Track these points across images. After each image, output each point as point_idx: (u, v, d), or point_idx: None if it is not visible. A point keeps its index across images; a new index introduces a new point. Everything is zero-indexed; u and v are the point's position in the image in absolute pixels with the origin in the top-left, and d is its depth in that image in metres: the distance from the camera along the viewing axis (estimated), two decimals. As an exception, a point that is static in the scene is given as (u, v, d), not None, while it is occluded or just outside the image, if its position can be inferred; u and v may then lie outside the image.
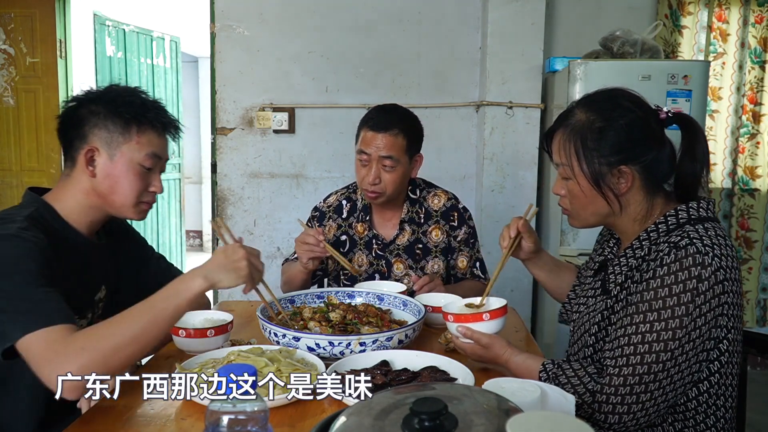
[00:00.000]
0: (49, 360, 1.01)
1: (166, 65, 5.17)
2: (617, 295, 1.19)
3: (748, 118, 3.31)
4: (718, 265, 1.05)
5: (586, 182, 1.17)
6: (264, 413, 0.67)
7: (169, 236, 5.30)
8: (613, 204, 1.18)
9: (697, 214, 1.14)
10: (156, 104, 1.32)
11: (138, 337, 1.07)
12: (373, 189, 1.76)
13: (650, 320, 1.07)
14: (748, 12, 3.24)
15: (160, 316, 1.10)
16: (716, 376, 1.12)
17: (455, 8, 3.13)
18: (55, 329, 1.03)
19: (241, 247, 1.19)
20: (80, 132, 1.27)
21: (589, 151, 1.16)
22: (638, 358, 1.06)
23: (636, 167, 1.15)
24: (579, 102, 1.22)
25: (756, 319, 3.42)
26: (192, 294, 1.12)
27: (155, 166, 1.33)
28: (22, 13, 3.72)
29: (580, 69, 2.59)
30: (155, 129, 1.31)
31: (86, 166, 1.26)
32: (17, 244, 1.11)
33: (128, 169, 1.28)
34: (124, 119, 1.27)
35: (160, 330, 1.11)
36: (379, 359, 1.22)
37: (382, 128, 1.73)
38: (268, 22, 3.14)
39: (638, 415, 1.07)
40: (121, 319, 1.09)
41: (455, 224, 1.88)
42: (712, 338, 1.08)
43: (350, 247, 1.89)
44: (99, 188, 1.28)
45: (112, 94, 1.29)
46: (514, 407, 0.61)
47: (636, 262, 1.17)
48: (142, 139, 1.28)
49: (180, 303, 1.12)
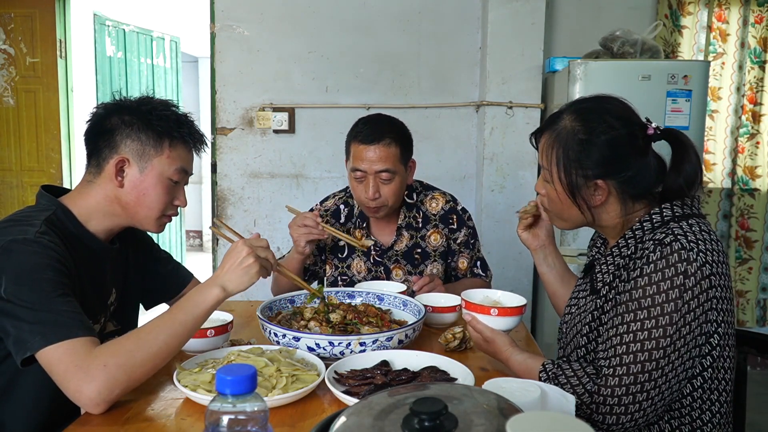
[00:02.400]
0: (72, 376, 1.02)
1: (166, 65, 5.18)
2: (606, 294, 1.19)
3: (747, 118, 3.31)
4: (703, 260, 1.06)
5: (562, 190, 1.20)
6: (264, 413, 0.67)
7: (169, 236, 5.31)
8: (586, 214, 1.20)
9: (681, 211, 1.15)
10: (188, 119, 1.34)
11: (160, 352, 1.09)
12: (374, 204, 1.72)
13: (640, 318, 1.07)
14: (748, 12, 3.24)
15: (180, 330, 1.12)
16: (709, 371, 1.12)
17: (455, 8, 3.13)
18: (77, 342, 1.03)
19: (244, 244, 1.20)
20: (111, 141, 1.27)
21: (570, 161, 1.17)
22: (631, 357, 1.07)
23: (613, 182, 1.17)
24: (570, 106, 1.23)
25: (756, 319, 3.42)
26: (209, 305, 1.16)
27: (182, 180, 1.35)
28: (22, 13, 3.72)
29: (580, 69, 2.59)
30: (186, 144, 1.33)
31: (115, 176, 1.27)
32: (36, 251, 1.11)
33: (157, 182, 1.29)
34: (158, 132, 1.28)
35: (181, 343, 1.14)
36: (379, 359, 1.22)
37: (373, 140, 1.68)
38: (268, 22, 3.14)
39: (636, 415, 1.07)
40: (143, 334, 1.10)
41: (455, 227, 1.86)
42: (703, 333, 1.08)
43: (348, 253, 1.88)
44: (125, 198, 1.28)
45: (147, 106, 1.30)
46: (514, 407, 0.61)
47: (623, 260, 1.18)
48: (173, 153, 1.30)
49: (198, 314, 1.15)
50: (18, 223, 1.16)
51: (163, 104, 1.32)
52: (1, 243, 1.10)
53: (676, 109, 2.58)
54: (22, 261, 1.09)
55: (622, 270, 1.17)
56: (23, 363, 1.05)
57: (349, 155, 1.76)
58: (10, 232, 1.13)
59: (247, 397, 0.66)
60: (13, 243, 1.10)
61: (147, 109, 1.29)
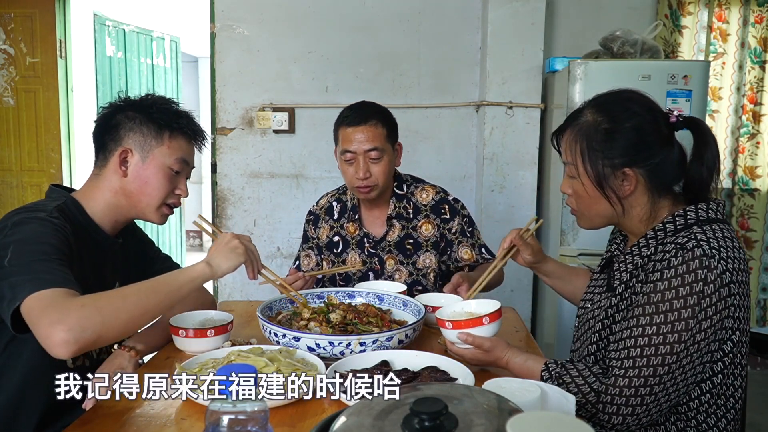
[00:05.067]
0: (47, 314, 1.01)
1: (166, 65, 5.18)
2: (622, 293, 1.18)
3: (748, 118, 3.31)
4: (724, 267, 1.05)
5: (590, 183, 1.17)
6: (264, 413, 0.67)
7: (169, 236, 5.30)
8: (616, 206, 1.18)
9: (705, 216, 1.14)
10: (188, 114, 1.42)
11: (137, 309, 1.11)
12: (365, 183, 1.77)
13: (657, 322, 1.07)
14: (748, 12, 3.24)
15: (162, 292, 1.15)
16: (719, 377, 1.12)
17: (455, 8, 3.13)
18: (61, 291, 1.05)
19: (233, 234, 1.30)
20: (116, 135, 1.35)
21: (594, 152, 1.16)
22: (644, 360, 1.06)
23: (641, 170, 1.15)
24: (590, 102, 1.22)
25: (756, 319, 3.42)
26: (194, 276, 1.20)
27: (183, 171, 1.41)
28: (22, 13, 3.72)
29: (580, 69, 2.59)
30: (185, 135, 1.40)
31: (119, 166, 1.34)
32: (44, 224, 1.17)
33: (158, 171, 1.36)
34: (158, 124, 1.36)
35: (160, 306, 1.15)
36: (379, 359, 1.22)
37: (360, 122, 1.76)
38: (268, 22, 3.14)
39: (641, 416, 1.07)
40: (126, 290, 1.14)
41: (447, 216, 1.87)
42: (717, 339, 1.08)
43: (343, 247, 1.90)
44: (128, 187, 1.35)
45: (148, 101, 1.39)
46: (514, 407, 0.61)
47: (642, 260, 1.17)
48: (173, 144, 1.37)
49: (183, 282, 1.18)
50: (30, 210, 1.23)
51: (162, 99, 1.41)
52: (15, 219, 1.18)
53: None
54: (30, 230, 1.15)
55: (640, 270, 1.16)
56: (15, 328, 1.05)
57: (338, 141, 1.82)
58: (23, 213, 1.21)
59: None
60: (25, 218, 1.18)
61: (148, 104, 1.38)
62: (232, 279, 3.22)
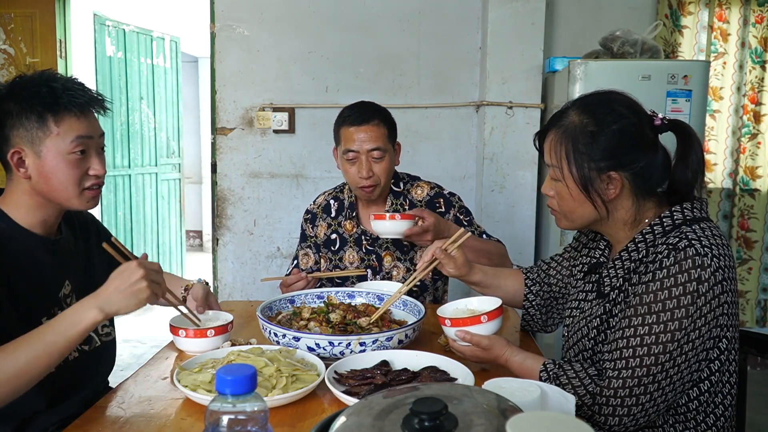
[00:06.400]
0: None
1: (166, 65, 5.18)
2: (615, 298, 1.18)
3: (749, 118, 3.31)
4: (717, 265, 1.05)
5: (575, 186, 1.17)
6: (264, 413, 0.67)
7: (169, 236, 5.30)
8: (600, 209, 1.17)
9: (692, 215, 1.14)
10: (68, 85, 1.23)
11: (21, 374, 1.02)
12: (368, 183, 1.78)
13: (649, 323, 1.07)
14: (749, 12, 3.24)
15: (50, 350, 1.04)
16: (716, 375, 1.12)
17: (455, 8, 3.13)
18: None
19: (139, 266, 1.11)
20: (2, 136, 1.21)
21: (580, 155, 1.15)
22: (637, 360, 1.06)
23: (626, 173, 1.15)
24: (574, 103, 1.21)
25: (756, 319, 3.42)
26: (84, 327, 1.06)
27: (88, 148, 1.25)
28: (22, 13, 3.72)
29: (580, 69, 2.59)
30: (73, 113, 1.22)
31: (17, 169, 1.21)
32: None
33: (58, 162, 1.21)
34: (37, 112, 1.19)
35: (49, 364, 1.05)
36: (379, 359, 1.22)
37: (362, 121, 1.77)
38: (268, 22, 3.13)
39: (638, 417, 1.07)
40: (7, 352, 1.03)
41: (442, 210, 1.89)
42: (712, 338, 1.08)
43: (341, 245, 1.91)
44: (37, 188, 1.23)
45: (17, 87, 1.22)
46: (514, 407, 0.61)
47: (633, 264, 1.17)
48: (62, 127, 1.21)
49: (71, 336, 1.06)
50: None
51: (34, 81, 1.22)
52: None
53: (676, 109, 2.57)
54: None
55: (632, 273, 1.16)
56: None
57: (339, 140, 1.83)
58: None
59: (247, 397, 0.66)
60: None
61: (18, 91, 1.21)
62: (232, 279, 3.22)
